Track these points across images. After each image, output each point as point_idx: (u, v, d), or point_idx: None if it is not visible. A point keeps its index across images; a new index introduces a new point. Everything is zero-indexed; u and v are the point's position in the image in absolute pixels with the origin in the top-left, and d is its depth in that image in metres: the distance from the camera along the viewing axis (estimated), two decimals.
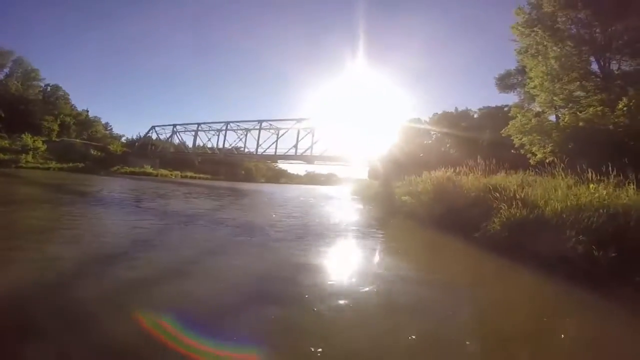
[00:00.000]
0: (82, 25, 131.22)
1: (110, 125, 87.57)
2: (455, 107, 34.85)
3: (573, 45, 16.63)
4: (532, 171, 12.87)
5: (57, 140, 65.73)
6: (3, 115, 59.49)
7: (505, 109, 23.60)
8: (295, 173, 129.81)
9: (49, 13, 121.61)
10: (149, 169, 64.84)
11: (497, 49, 79.92)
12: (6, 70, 69.18)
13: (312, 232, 10.43)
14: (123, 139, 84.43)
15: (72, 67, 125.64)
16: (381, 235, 10.99)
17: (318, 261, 6.80)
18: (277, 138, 61.13)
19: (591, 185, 8.16)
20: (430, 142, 33.02)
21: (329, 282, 5.36)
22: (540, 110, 19.31)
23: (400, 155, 31.61)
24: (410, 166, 23.23)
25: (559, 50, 16.79)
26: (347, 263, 7.06)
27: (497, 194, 9.68)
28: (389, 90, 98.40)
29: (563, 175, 9.69)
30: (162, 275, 5.40)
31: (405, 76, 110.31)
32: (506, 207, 8.69)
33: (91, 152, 66.44)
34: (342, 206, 22.36)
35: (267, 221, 12.87)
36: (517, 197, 9.07)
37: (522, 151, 18.63)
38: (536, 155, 17.48)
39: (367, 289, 5.11)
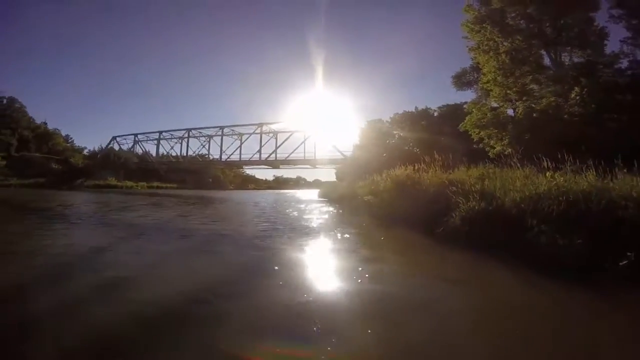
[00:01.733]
0: (36, 34, 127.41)
1: (71, 138, 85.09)
2: (415, 107, 35.00)
3: (523, 40, 16.99)
4: (492, 164, 12.63)
5: (16, 155, 63.64)
6: None
7: (464, 106, 23.76)
8: (264, 178, 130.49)
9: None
10: (113, 180, 63.27)
11: (454, 49, 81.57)
12: None
13: (280, 234, 10.24)
14: (85, 152, 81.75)
15: (27, 78, 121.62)
16: (344, 236, 10.41)
17: (291, 258, 6.92)
18: (241, 143, 60.97)
19: (547, 174, 8.03)
20: (393, 141, 32.76)
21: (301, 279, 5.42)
22: (495, 105, 19.49)
23: (364, 156, 31.73)
24: (374, 167, 23.15)
25: (509, 44, 17.12)
26: (312, 262, 6.88)
27: (455, 188, 9.57)
28: (351, 94, 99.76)
29: (520, 167, 9.58)
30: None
31: (367, 79, 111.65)
32: (464, 201, 8.58)
33: (52, 166, 64.66)
34: (308, 209, 21.79)
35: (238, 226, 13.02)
36: (475, 190, 9.01)
37: (481, 145, 18.93)
38: (494, 148, 17.71)
39: (333, 286, 5.05)
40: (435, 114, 33.63)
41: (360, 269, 5.88)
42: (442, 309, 4.17)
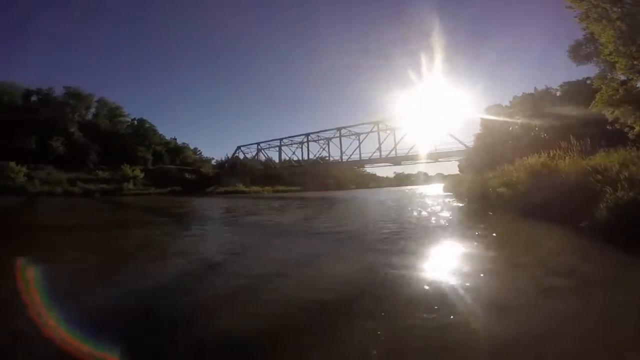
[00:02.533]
0: (158, 62, 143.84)
1: (200, 150, 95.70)
2: (535, 88, 32.41)
3: (633, 4, 15.04)
4: (634, 147, 11.70)
5: (153, 168, 73.15)
6: (101, 150, 68.34)
7: (588, 81, 22.04)
8: (385, 176, 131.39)
9: (125, 54, 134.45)
10: (241, 187, 67.95)
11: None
12: (92, 110, 79.92)
13: (411, 234, 9.99)
14: (213, 162, 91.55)
15: (154, 101, 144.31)
16: (480, 233, 9.92)
17: (427, 257, 7.08)
18: (360, 143, 60.79)
19: None
20: (516, 127, 31.05)
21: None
22: (624, 78, 17.76)
23: (487, 145, 30.94)
24: (499, 155, 22.75)
25: (619, 10, 15.29)
26: (449, 263, 6.55)
27: (600, 177, 8.95)
28: (466, 81, 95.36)
29: None
30: None
31: (479, 64, 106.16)
32: (611, 191, 7.87)
33: (186, 176, 72.09)
34: (435, 205, 21.01)
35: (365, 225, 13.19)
36: (623, 177, 8.24)
37: (617, 126, 16.81)
38: (634, 128, 15.88)
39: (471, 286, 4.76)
40: (558, 93, 31.03)
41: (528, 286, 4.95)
42: None
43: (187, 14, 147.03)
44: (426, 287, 4.85)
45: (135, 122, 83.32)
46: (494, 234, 9.94)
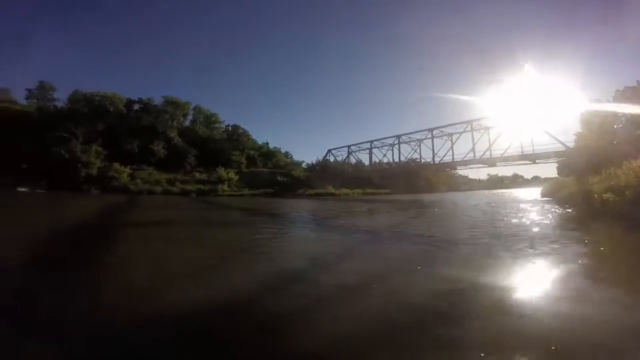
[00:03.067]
0: (248, 69, 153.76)
1: (290, 154, 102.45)
2: (638, 81, 31.42)
3: None
4: None
5: (246, 171, 79.72)
6: (198, 154, 76.33)
7: None
8: (477, 178, 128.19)
9: (219, 65, 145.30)
10: (331, 189, 70.28)
11: None
12: (190, 117, 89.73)
13: (509, 244, 9.36)
14: (303, 165, 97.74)
15: (247, 108, 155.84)
16: (586, 246, 9.04)
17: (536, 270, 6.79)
18: (452, 144, 59.31)
19: None
20: (620, 125, 30.11)
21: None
22: None
23: (589, 145, 29.88)
24: (603, 157, 21.60)
25: None
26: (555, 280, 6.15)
27: None
28: (563, 76, 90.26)
29: None
30: None
31: (577, 58, 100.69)
32: None
33: (277, 178, 77.09)
34: (534, 212, 19.50)
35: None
36: None
37: None
38: None
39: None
40: None
41: None
42: None
43: (276, 19, 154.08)
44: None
45: (230, 128, 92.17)
46: (602, 249, 9.11)
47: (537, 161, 50.16)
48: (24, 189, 53.32)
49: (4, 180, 53.36)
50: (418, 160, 67.21)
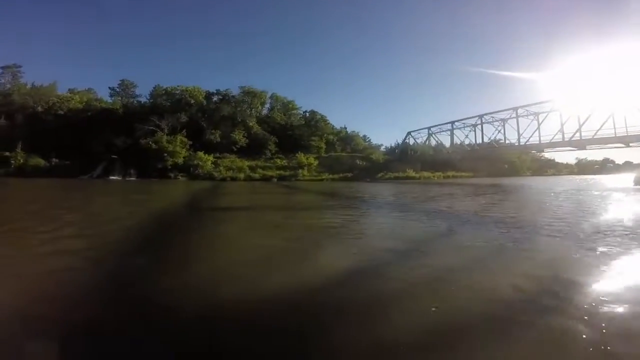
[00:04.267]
0: (323, 57, 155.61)
1: (369, 138, 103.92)
2: None
3: None
4: None
5: (325, 155, 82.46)
6: (277, 141, 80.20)
7: None
8: (564, 162, 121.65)
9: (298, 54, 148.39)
10: (411, 172, 70.56)
11: None
12: (268, 105, 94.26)
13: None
14: (382, 148, 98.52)
15: (324, 94, 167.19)
16: None
17: None
18: (539, 124, 56.70)
19: None
20: None
21: None
22: None
23: None
24: None
25: None
26: None
27: None
28: None
29: None
30: None
31: None
32: None
33: (357, 163, 78.38)
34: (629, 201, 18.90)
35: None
36: None
37: None
38: None
39: None
40: None
41: None
42: None
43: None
44: None
45: (307, 114, 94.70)
46: None
47: (630, 144, 47.18)
48: (116, 177, 61.55)
49: (96, 169, 63.61)
50: (502, 141, 65.03)
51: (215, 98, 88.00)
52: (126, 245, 7.96)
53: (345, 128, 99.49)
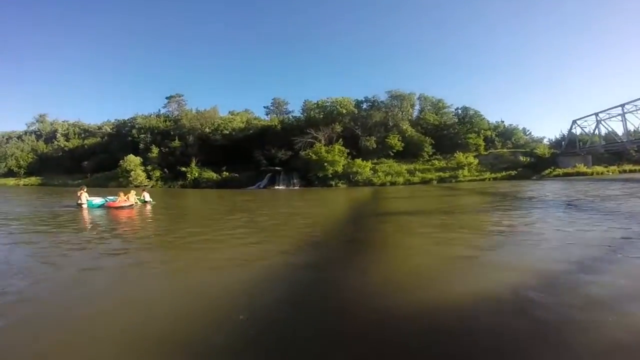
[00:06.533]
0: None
1: (529, 130, 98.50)
2: None
3: None
4: None
5: (485, 153, 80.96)
6: (432, 142, 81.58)
7: None
8: None
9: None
10: (582, 168, 65.20)
11: None
12: (417, 107, 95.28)
13: None
14: (545, 141, 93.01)
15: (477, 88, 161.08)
16: None
17: None
18: None
19: None
20: None
21: None
22: None
23: None
24: None
25: None
26: None
27: None
28: None
29: None
30: None
31: None
32: None
33: (520, 159, 74.61)
34: None
35: None
36: None
37: None
38: None
39: None
40: None
41: None
42: None
43: None
44: None
45: (459, 111, 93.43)
46: None
47: None
48: (281, 187, 68.94)
49: (262, 180, 73.02)
50: None
51: (364, 105, 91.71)
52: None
53: (503, 122, 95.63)
